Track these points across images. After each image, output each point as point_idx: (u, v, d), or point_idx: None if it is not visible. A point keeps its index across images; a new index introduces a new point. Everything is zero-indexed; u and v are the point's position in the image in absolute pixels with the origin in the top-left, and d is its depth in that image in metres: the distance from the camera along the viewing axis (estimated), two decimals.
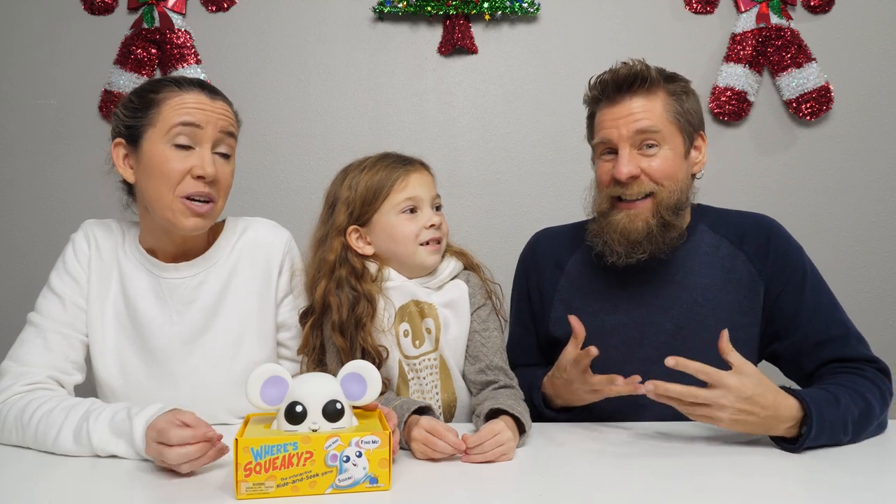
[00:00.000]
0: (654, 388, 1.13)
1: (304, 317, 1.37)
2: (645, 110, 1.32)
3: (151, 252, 1.35)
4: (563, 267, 1.49)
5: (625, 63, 1.36)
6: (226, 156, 1.31)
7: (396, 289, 1.36)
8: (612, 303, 1.42)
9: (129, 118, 1.27)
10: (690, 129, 1.37)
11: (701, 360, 1.35)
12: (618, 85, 1.34)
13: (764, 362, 1.44)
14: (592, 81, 1.39)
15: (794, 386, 1.28)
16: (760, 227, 1.41)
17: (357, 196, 1.35)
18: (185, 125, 1.24)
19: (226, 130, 1.29)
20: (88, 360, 1.34)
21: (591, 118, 1.43)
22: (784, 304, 1.35)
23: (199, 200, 1.26)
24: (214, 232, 1.39)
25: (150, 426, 1.06)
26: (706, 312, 1.36)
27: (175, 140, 1.24)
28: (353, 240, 1.36)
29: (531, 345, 1.54)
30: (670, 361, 1.12)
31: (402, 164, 1.37)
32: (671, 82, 1.36)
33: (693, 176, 1.41)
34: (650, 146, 1.32)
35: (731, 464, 1.11)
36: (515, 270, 1.59)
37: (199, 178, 1.25)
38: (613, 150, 1.35)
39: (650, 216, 1.32)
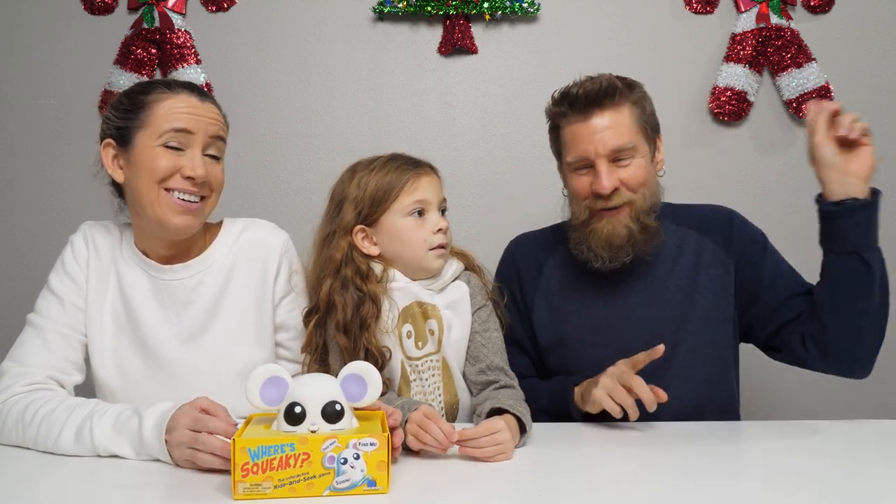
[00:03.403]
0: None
1: (307, 315, 1.37)
2: (616, 125, 1.36)
3: (146, 254, 1.35)
4: (542, 269, 1.52)
5: (590, 77, 1.39)
6: (215, 157, 1.32)
7: (400, 290, 1.36)
8: (592, 300, 1.45)
9: (120, 119, 1.28)
10: (653, 134, 1.43)
11: (685, 343, 1.40)
12: (587, 101, 1.36)
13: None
14: (557, 96, 1.42)
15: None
16: (720, 213, 1.50)
17: (366, 196, 1.35)
18: (178, 131, 1.25)
19: (216, 135, 1.30)
20: (88, 360, 1.34)
21: (556, 131, 1.45)
22: (749, 275, 1.42)
23: (189, 199, 1.27)
24: (212, 232, 1.39)
25: (181, 413, 1.07)
26: (682, 298, 1.42)
27: (167, 143, 1.25)
28: (359, 239, 1.36)
29: (521, 344, 1.54)
30: None
31: (413, 166, 1.37)
32: (632, 91, 1.40)
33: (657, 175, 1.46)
34: (624, 158, 1.37)
35: (728, 463, 1.11)
36: (494, 279, 1.52)
37: (189, 178, 1.26)
38: (590, 165, 1.38)
39: (630, 221, 1.38)
